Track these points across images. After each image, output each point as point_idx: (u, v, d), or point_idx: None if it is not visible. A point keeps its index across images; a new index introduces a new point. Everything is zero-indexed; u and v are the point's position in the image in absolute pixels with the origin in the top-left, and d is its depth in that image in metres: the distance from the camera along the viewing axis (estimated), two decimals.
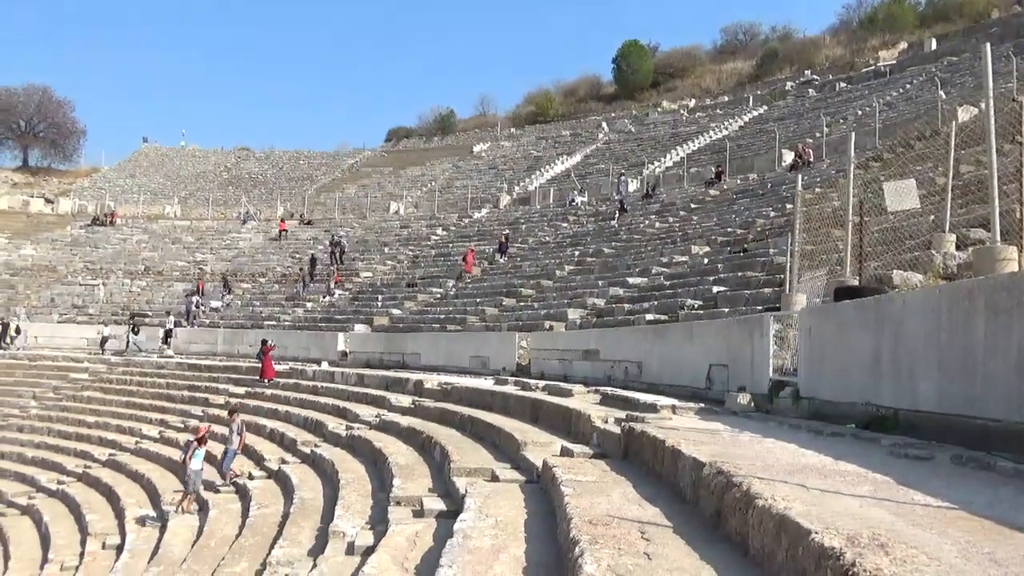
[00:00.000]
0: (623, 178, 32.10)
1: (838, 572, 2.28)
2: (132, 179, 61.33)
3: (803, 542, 2.60)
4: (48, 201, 50.78)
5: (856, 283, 8.69)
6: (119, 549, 12.20)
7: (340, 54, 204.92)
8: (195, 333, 29.52)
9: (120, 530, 13.20)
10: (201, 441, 13.00)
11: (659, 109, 55.15)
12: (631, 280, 19.65)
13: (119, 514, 14.02)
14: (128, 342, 29.59)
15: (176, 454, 15.83)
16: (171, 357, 27.50)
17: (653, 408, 8.26)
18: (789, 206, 19.06)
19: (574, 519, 3.84)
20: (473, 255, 29.04)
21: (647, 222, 26.09)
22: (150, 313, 31.92)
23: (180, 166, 65.27)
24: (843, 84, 42.59)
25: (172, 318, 30.10)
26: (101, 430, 20.56)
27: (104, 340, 29.12)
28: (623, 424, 7.06)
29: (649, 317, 15.01)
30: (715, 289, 15.11)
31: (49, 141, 68.16)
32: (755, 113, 44.31)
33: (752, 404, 8.53)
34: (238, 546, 9.52)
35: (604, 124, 54.09)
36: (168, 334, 28.98)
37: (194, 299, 31.73)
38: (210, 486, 13.07)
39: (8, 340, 29.96)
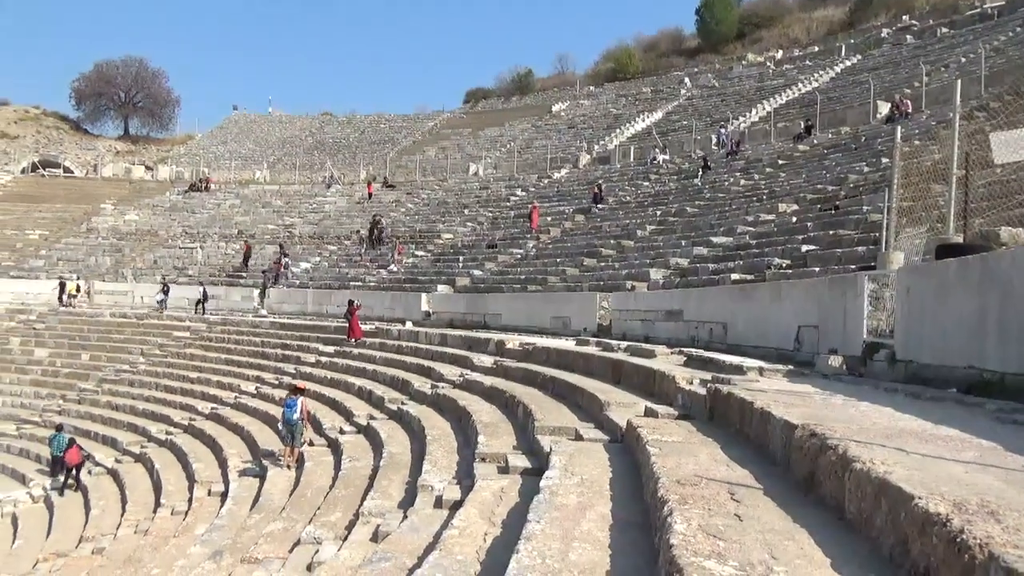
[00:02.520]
0: (723, 130, 31.29)
1: (944, 539, 2.22)
2: (224, 146, 63.69)
3: (905, 507, 2.53)
4: (148, 168, 53.41)
5: (960, 240, 8.25)
6: (223, 496, 12.97)
7: (418, 16, 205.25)
8: (286, 294, 30.69)
9: (223, 478, 14.02)
10: (300, 392, 13.53)
11: (744, 62, 52.98)
12: (715, 239, 19.22)
13: (222, 464, 14.89)
14: (160, 302, 31.27)
15: (272, 409, 16.64)
16: (265, 316, 28.73)
17: (739, 370, 8.13)
18: (884, 161, 18.16)
19: (661, 479, 3.85)
20: (537, 211, 28.99)
21: (732, 180, 25.33)
22: (244, 275, 33.32)
23: (268, 132, 67.24)
24: (944, 29, 39.78)
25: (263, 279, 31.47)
26: (203, 385, 21.78)
27: (162, 301, 31.18)
28: (709, 385, 6.99)
29: (734, 277, 14.68)
30: (804, 248, 14.63)
31: (147, 110, 71.36)
32: (848, 63, 42.02)
33: (844, 367, 8.28)
34: (332, 497, 9.97)
35: (686, 79, 52.44)
36: (262, 294, 30.24)
37: (284, 260, 32.92)
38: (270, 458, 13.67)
39: (67, 299, 32.16)
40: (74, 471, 17.88)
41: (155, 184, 48.91)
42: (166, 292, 31.75)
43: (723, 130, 31.99)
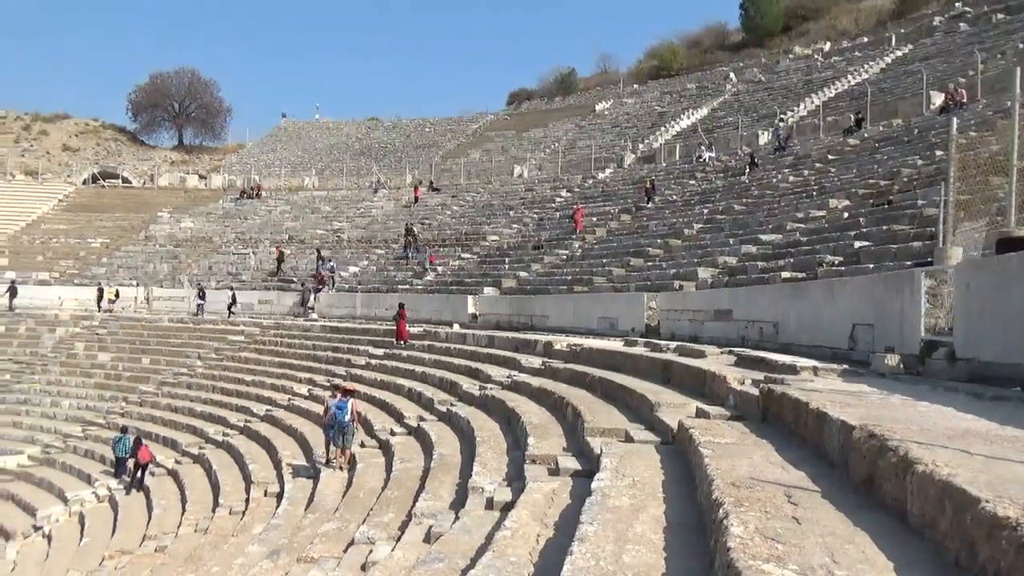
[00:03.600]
0: (781, 124, 30.80)
1: (1015, 543, 2.16)
2: (273, 153, 65.06)
3: (971, 511, 2.48)
4: (202, 177, 54.93)
5: (1022, 234, 7.96)
6: (279, 496, 13.26)
7: (460, 20, 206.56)
8: (335, 297, 31.21)
9: (279, 479, 14.33)
10: (349, 393, 13.75)
11: (791, 55, 51.94)
12: (764, 237, 18.91)
13: (277, 464, 15.22)
14: (198, 306, 32.50)
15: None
16: (315, 320, 29.26)
17: (792, 369, 8.00)
18: (939, 153, 17.63)
19: (716, 481, 3.82)
20: (581, 212, 28.98)
21: (780, 176, 24.89)
22: (295, 279, 33.99)
23: (316, 139, 68.45)
24: (1000, 15, 38.32)
25: (312, 283, 32.06)
26: (258, 388, 22.29)
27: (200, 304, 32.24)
28: (761, 386, 6.89)
29: (785, 275, 14.43)
30: (857, 244, 14.29)
31: (200, 121, 73.37)
32: (898, 53, 40.87)
33: (901, 365, 8.07)
34: (384, 497, 10.11)
35: (731, 74, 51.66)
36: (303, 301, 30.82)
37: (330, 264, 33.51)
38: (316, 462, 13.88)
39: (107, 304, 33.71)
40: (141, 470, 18.52)
41: (208, 192, 50.25)
42: (203, 297, 32.83)
43: (781, 124, 31.44)
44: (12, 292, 33.99)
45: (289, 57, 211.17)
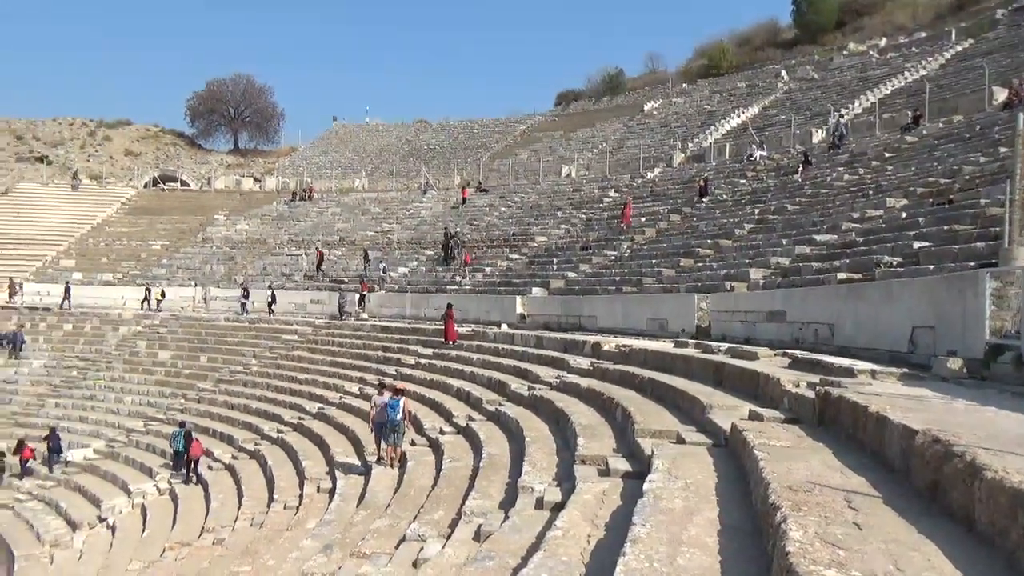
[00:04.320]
0: (841, 118, 30.13)
1: None
2: (325, 156, 66.25)
3: None
4: (256, 180, 56.26)
5: None
6: (331, 493, 13.50)
7: (508, 21, 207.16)
8: (385, 297, 31.61)
9: (331, 476, 14.59)
10: (400, 392, 13.91)
11: (845, 52, 50.65)
12: (818, 237, 18.49)
13: (329, 461, 15.50)
14: (242, 305, 33.53)
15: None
16: (366, 320, 29.69)
17: (850, 372, 7.83)
18: (1003, 150, 17.00)
19: (772, 484, 3.78)
20: (631, 207, 28.76)
21: (835, 175, 24.29)
22: (346, 279, 34.54)
23: (366, 141, 69.44)
24: None
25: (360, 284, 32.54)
26: (310, 386, 22.73)
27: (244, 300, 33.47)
28: (817, 389, 6.77)
29: (841, 276, 14.09)
30: (916, 245, 13.87)
31: (254, 125, 75.19)
32: (958, 48, 39.52)
33: (964, 370, 7.83)
34: (434, 495, 10.21)
35: (783, 72, 50.65)
36: (362, 299, 31.26)
37: (381, 265, 33.97)
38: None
39: (154, 303, 34.83)
40: (193, 464, 19.11)
41: (262, 195, 51.42)
42: (246, 296, 33.75)
43: (842, 119, 30.70)
44: (67, 292, 35.69)
45: (340, 62, 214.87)
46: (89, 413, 26.70)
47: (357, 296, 31.38)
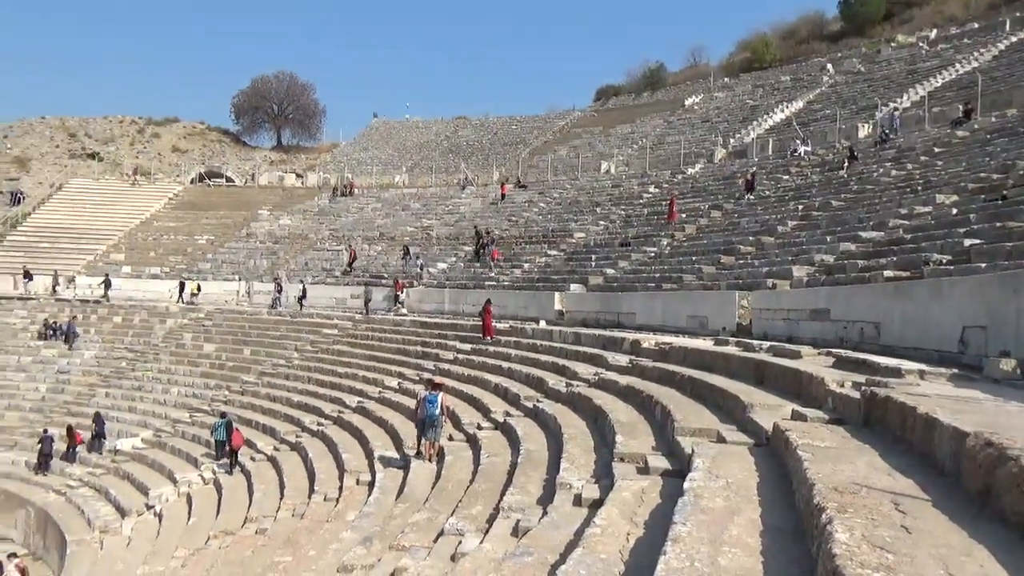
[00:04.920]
0: (894, 112, 29.46)
1: None
2: (366, 152, 66.91)
3: None
4: (298, 176, 57.10)
5: None
6: (370, 485, 13.64)
7: (547, 16, 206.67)
8: (424, 293, 31.83)
9: (370, 469, 14.74)
10: (438, 387, 13.99)
11: (893, 44, 49.38)
12: (864, 234, 18.09)
13: (368, 455, 15.67)
14: (274, 299, 34.40)
15: (413, 404, 17.28)
16: (405, 315, 29.94)
17: (897, 372, 7.66)
18: None
19: (817, 485, 3.71)
20: (676, 203, 28.55)
21: (881, 170, 23.73)
22: (386, 275, 34.88)
23: (406, 137, 69.94)
24: None
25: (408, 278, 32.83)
26: (350, 380, 23.00)
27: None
28: (863, 389, 6.63)
29: (887, 274, 13.77)
30: (967, 242, 13.48)
31: (297, 122, 76.25)
32: (1013, 39, 38.22)
33: (1018, 371, 7.60)
34: (472, 490, 10.26)
35: (829, 65, 49.59)
36: (396, 298, 31.52)
37: (419, 261, 34.21)
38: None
39: (189, 297, 35.83)
40: (234, 454, 19.63)
41: (304, 191, 52.15)
42: (280, 290, 34.46)
43: (896, 112, 29.97)
44: (107, 284, 36.94)
45: (381, 58, 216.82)
46: (137, 403, 27.42)
47: (392, 294, 31.63)
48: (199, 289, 36.49)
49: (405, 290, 31.67)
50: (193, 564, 13.56)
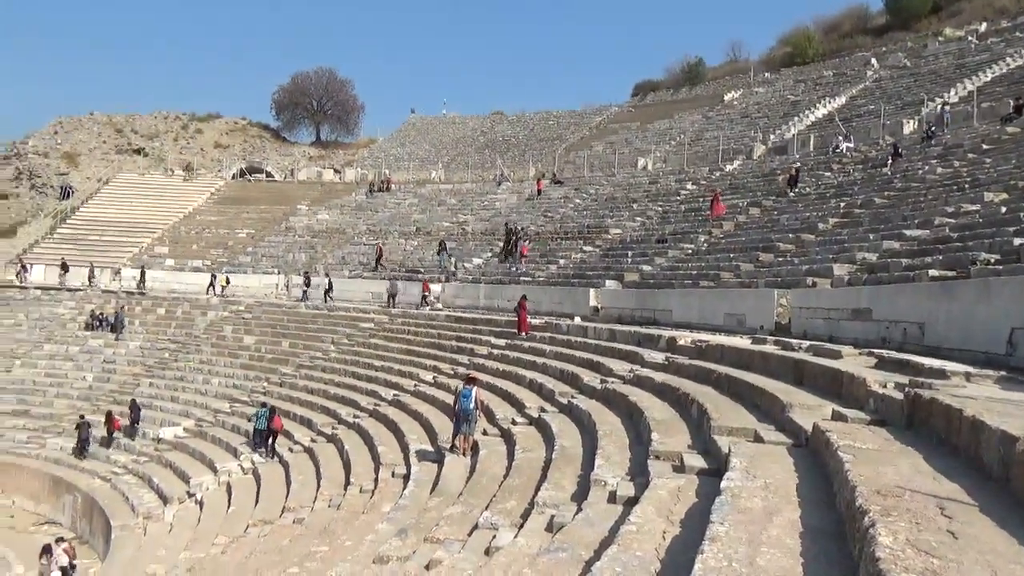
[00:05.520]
0: (945, 108, 28.80)
1: None
2: (403, 148, 67.36)
3: None
4: (336, 171, 57.75)
5: None
6: (405, 478, 13.76)
7: (585, 11, 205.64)
8: (460, 288, 31.98)
9: (405, 461, 14.88)
10: (474, 381, 14.03)
11: (940, 38, 48.09)
12: (908, 232, 17.67)
13: (403, 448, 15.81)
14: (304, 292, 35.20)
15: (448, 398, 17.42)
16: (440, 310, 30.11)
17: (941, 374, 7.49)
18: None
19: (859, 487, 3.66)
20: (720, 197, 28.28)
21: (927, 167, 23.16)
22: (422, 269, 35.11)
23: (442, 133, 70.22)
24: None
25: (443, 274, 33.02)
26: (385, 373, 23.23)
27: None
28: (907, 390, 6.51)
29: (932, 273, 13.44)
30: (1017, 241, 13.08)
31: (335, 117, 77.02)
32: None
33: None
34: (507, 485, 10.29)
35: (873, 60, 48.50)
36: (424, 298, 31.66)
37: (452, 260, 34.35)
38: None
39: (219, 289, 36.98)
40: (273, 437, 20.29)
41: (342, 186, 52.73)
42: (308, 284, 35.15)
43: (946, 108, 29.27)
44: (142, 275, 38.11)
45: (418, 55, 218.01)
46: (179, 393, 28.03)
47: (420, 292, 31.82)
48: (228, 282, 37.37)
49: (431, 288, 31.72)
50: (233, 551, 13.85)
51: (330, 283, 34.54)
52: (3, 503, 24.57)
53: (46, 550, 17.76)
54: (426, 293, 31.48)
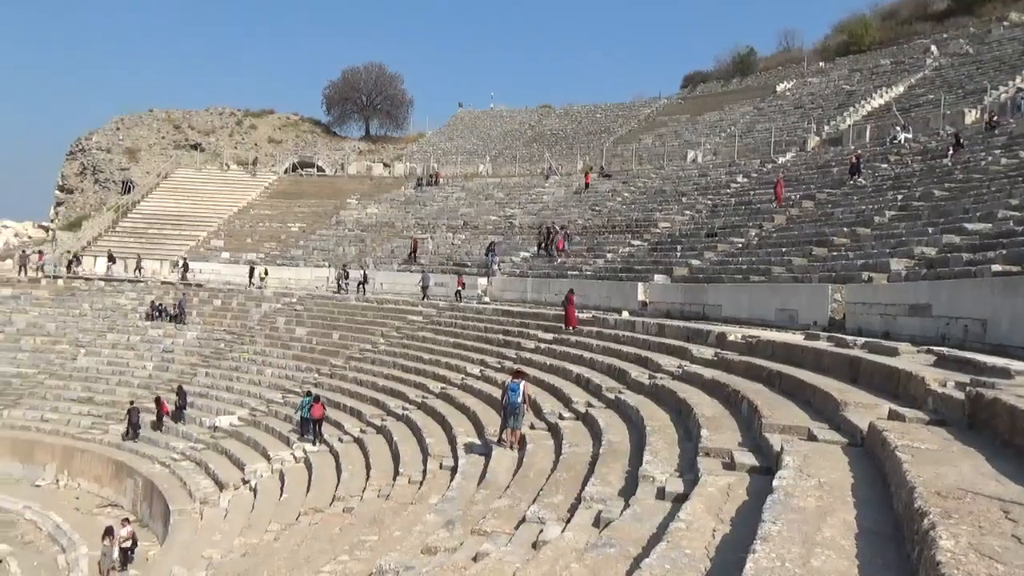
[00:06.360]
0: (1019, 95, 27.72)
1: None
2: (451, 142, 67.75)
3: None
4: (386, 166, 58.44)
5: None
6: (453, 470, 13.88)
7: (633, 2, 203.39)
8: (507, 282, 32.07)
9: (453, 454, 15.01)
10: (521, 376, 14.07)
11: (1005, 23, 46.15)
12: (970, 226, 17.10)
13: (451, 440, 15.96)
14: (340, 285, 35.97)
15: (495, 391, 17.54)
16: (487, 304, 30.26)
17: (1006, 373, 7.25)
18: None
19: (918, 489, 3.57)
20: (783, 185, 27.80)
21: (990, 158, 22.33)
22: (469, 263, 35.31)
23: (490, 127, 70.39)
24: None
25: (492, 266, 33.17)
26: (433, 366, 23.45)
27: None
28: (968, 389, 6.31)
29: (996, 268, 13.00)
30: None
31: (385, 112, 77.95)
32: None
33: None
34: (554, 479, 10.30)
35: (933, 47, 46.84)
36: (457, 293, 31.88)
37: (496, 260, 34.40)
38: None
39: (258, 281, 38.08)
40: (317, 425, 20.91)
41: (391, 180, 53.34)
42: (347, 277, 35.86)
43: (1021, 93, 28.18)
44: (185, 267, 39.20)
45: (466, 49, 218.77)
46: (234, 383, 28.79)
47: (456, 289, 32.01)
48: (266, 273, 38.34)
49: (460, 290, 31.89)
50: (285, 538, 14.18)
51: (365, 276, 35.34)
52: (70, 486, 25.65)
53: (108, 532, 18.47)
54: (460, 288, 31.79)
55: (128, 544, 18.61)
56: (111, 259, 40.20)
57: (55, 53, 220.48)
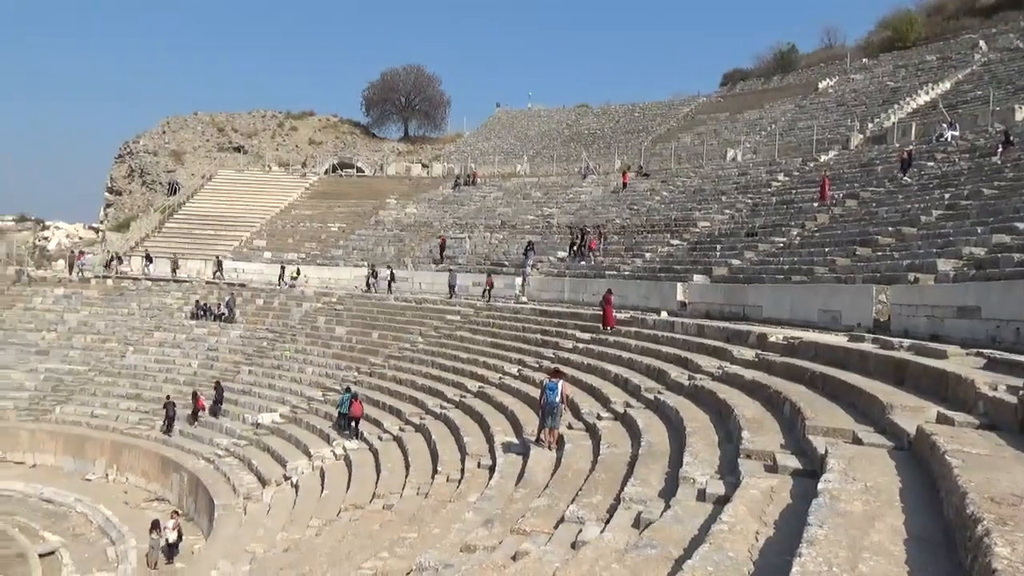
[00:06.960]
0: None
1: None
2: (488, 142, 67.96)
3: None
4: (424, 166, 58.89)
5: None
6: (491, 469, 13.95)
7: (672, 2, 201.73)
8: (545, 282, 32.08)
9: (491, 453, 15.08)
10: (560, 375, 14.06)
11: None
12: (1020, 226, 16.61)
13: (489, 439, 16.03)
14: (369, 284, 36.58)
15: (532, 391, 17.57)
16: (525, 303, 30.31)
17: None
18: None
19: (970, 494, 3.52)
20: (829, 182, 27.38)
21: None
22: (506, 263, 35.40)
23: (527, 126, 70.42)
24: None
25: (528, 267, 33.21)
26: (471, 365, 23.58)
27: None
28: (1020, 393, 6.17)
29: None
30: None
31: (423, 113, 78.52)
32: None
33: None
34: (592, 480, 10.30)
35: (981, 42, 45.51)
36: (484, 291, 32.01)
37: (529, 260, 34.40)
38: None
39: (289, 280, 38.68)
40: (355, 422, 21.19)
41: (430, 180, 53.72)
42: (375, 275, 36.45)
43: None
44: (218, 265, 40.13)
45: (504, 48, 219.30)
46: (276, 381, 29.30)
47: (518, 280, 32.11)
48: (298, 273, 39.11)
49: (488, 289, 31.99)
50: (326, 534, 14.41)
51: (392, 274, 35.91)
52: (119, 480, 26.41)
53: (155, 525, 18.97)
54: (488, 287, 31.97)
55: (175, 537, 19.07)
56: (148, 259, 41.26)
57: (106, 58, 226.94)
